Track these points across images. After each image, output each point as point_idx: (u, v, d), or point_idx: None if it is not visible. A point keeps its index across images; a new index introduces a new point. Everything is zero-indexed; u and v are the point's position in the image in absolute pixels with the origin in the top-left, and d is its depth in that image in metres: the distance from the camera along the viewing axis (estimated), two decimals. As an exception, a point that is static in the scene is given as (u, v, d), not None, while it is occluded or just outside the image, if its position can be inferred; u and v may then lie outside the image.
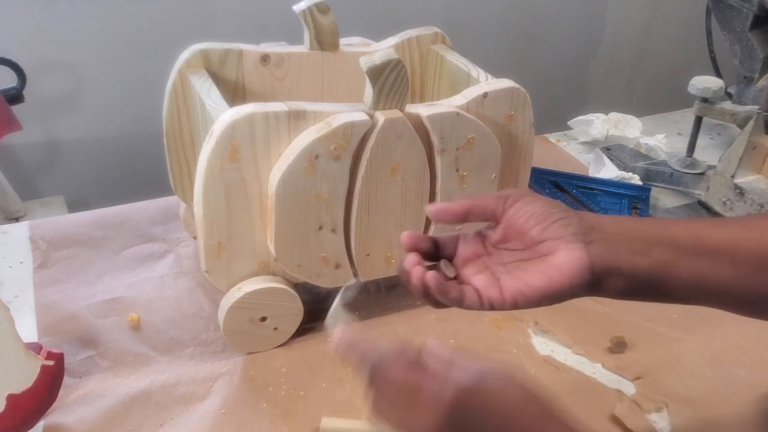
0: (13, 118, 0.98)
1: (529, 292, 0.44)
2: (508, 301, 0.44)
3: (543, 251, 0.45)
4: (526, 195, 0.47)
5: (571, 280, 0.43)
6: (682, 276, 0.44)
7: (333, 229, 0.62)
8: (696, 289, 0.44)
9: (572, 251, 0.44)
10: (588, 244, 0.44)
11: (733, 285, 0.44)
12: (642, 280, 0.44)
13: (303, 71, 0.74)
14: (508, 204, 0.46)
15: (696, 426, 0.60)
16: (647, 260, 0.44)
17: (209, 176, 0.57)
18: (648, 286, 0.45)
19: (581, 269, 0.43)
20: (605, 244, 0.44)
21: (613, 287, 0.45)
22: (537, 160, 0.78)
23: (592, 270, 0.44)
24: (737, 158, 0.81)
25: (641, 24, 1.78)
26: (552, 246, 0.44)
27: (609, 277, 0.44)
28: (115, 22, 1.25)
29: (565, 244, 0.44)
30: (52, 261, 0.78)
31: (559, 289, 0.43)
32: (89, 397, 0.61)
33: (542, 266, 0.44)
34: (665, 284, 0.44)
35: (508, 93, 0.65)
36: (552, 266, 0.44)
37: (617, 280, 0.44)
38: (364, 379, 0.44)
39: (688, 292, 0.45)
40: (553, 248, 0.44)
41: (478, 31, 1.57)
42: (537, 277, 0.44)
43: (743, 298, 0.45)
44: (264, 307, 0.63)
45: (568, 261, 0.43)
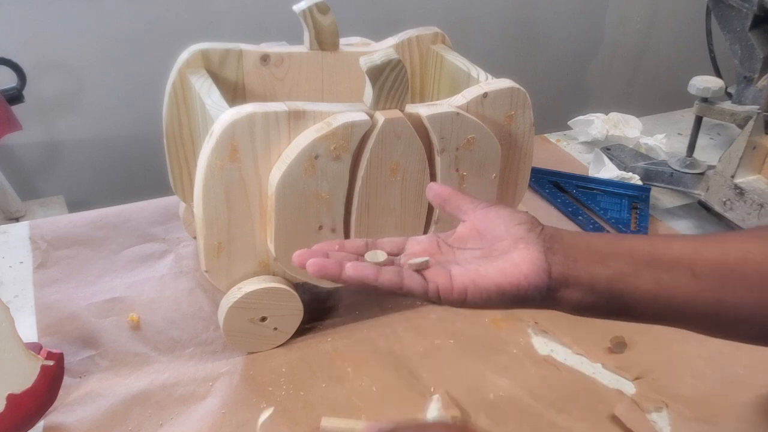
0: (13, 118, 0.99)
1: (481, 282, 0.42)
2: (457, 289, 0.42)
3: (502, 249, 0.44)
4: (498, 203, 0.48)
5: (528, 279, 0.42)
6: (641, 288, 0.43)
7: (333, 229, 0.62)
8: (656, 303, 0.44)
9: (531, 251, 0.43)
10: (548, 250, 0.44)
11: (695, 298, 0.43)
12: (600, 292, 0.43)
13: (303, 71, 0.74)
14: (481, 206, 0.47)
15: (696, 426, 0.60)
16: (606, 270, 0.43)
17: (209, 176, 0.57)
18: (606, 300, 0.44)
19: (539, 270, 0.43)
20: (564, 253, 0.44)
21: (569, 299, 0.44)
22: (537, 160, 0.78)
23: (550, 274, 0.43)
24: (737, 158, 0.81)
25: (641, 24, 1.78)
26: (511, 245, 0.44)
27: (566, 287, 0.43)
28: (115, 22, 1.25)
29: (525, 244, 0.44)
30: (52, 261, 0.78)
31: (515, 284, 0.42)
32: (89, 397, 0.61)
33: (499, 262, 0.43)
34: (624, 297, 0.43)
35: (508, 93, 0.65)
36: (510, 263, 0.43)
37: (574, 291, 0.43)
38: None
39: (649, 307, 0.44)
40: (512, 246, 0.44)
41: (478, 31, 1.57)
42: (492, 270, 0.43)
43: (707, 314, 0.44)
44: (264, 307, 0.63)
45: (527, 259, 0.43)
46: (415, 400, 0.61)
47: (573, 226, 0.89)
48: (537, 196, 0.95)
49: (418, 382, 0.63)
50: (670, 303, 0.43)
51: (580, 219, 0.89)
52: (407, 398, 0.61)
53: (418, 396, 0.62)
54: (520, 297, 0.43)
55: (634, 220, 0.90)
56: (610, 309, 0.44)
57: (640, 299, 0.43)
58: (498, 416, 0.60)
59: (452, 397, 0.61)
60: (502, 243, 0.44)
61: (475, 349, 0.67)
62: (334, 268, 0.43)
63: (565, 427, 0.59)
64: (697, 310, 0.44)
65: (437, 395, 0.61)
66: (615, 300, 0.44)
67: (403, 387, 0.63)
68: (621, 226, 0.88)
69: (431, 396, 0.62)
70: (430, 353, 0.67)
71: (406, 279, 0.43)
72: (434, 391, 0.62)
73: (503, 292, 0.42)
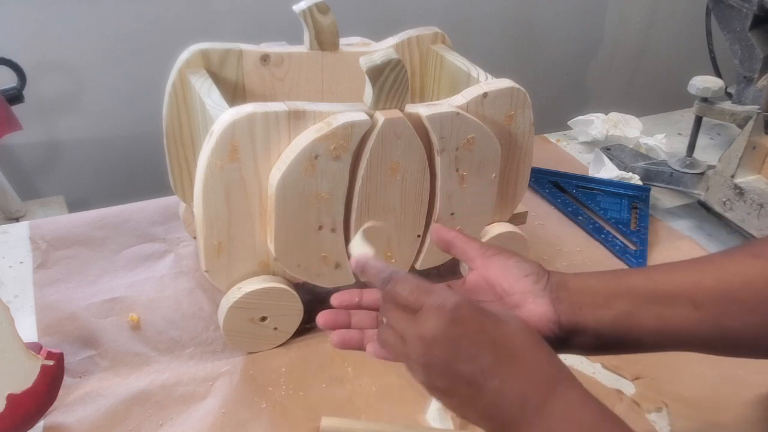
0: (13, 118, 0.99)
1: None
2: None
3: (512, 303, 0.46)
4: (505, 251, 0.48)
5: (539, 333, 0.44)
6: (645, 325, 0.45)
7: (333, 228, 0.62)
8: (661, 336, 0.45)
9: (539, 305, 0.45)
10: (554, 300, 0.45)
11: (697, 328, 0.45)
12: (607, 334, 0.45)
13: (303, 71, 0.74)
14: (488, 254, 0.48)
15: (696, 426, 0.60)
16: (610, 312, 0.45)
17: (209, 176, 0.57)
18: (614, 340, 0.45)
19: (549, 323, 0.45)
20: (570, 300, 0.45)
21: (581, 344, 0.46)
22: (537, 160, 0.78)
23: (560, 325, 0.45)
24: (737, 158, 0.81)
25: (641, 24, 1.78)
26: (520, 299, 0.46)
27: (576, 335, 0.45)
28: (115, 22, 1.25)
29: (533, 299, 0.45)
30: (52, 261, 0.78)
31: None
32: (89, 397, 0.61)
33: None
34: (630, 335, 0.45)
35: (508, 93, 0.65)
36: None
37: (584, 337, 0.45)
38: (379, 286, 0.44)
39: (654, 341, 0.45)
40: (521, 302, 0.46)
41: (478, 31, 1.57)
42: None
43: (710, 339, 0.45)
44: (264, 307, 0.63)
45: (536, 314, 0.45)
46: (415, 400, 0.61)
47: (573, 226, 0.89)
48: (537, 196, 0.95)
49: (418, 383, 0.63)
50: (674, 335, 0.45)
51: (580, 219, 0.89)
52: (407, 398, 0.61)
53: (418, 396, 0.62)
54: None
55: (634, 220, 0.90)
56: (618, 347, 0.46)
57: (645, 335, 0.45)
58: (498, 416, 0.60)
59: (452, 397, 0.61)
60: (511, 297, 0.46)
61: (475, 349, 0.67)
62: (357, 339, 0.48)
63: (565, 427, 0.59)
64: (701, 337, 0.45)
65: (437, 395, 0.61)
66: (621, 339, 0.45)
67: (404, 387, 0.63)
68: (621, 226, 0.88)
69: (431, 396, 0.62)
70: (430, 353, 0.66)
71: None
72: (434, 391, 0.62)
73: None
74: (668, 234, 0.88)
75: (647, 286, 0.46)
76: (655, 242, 0.86)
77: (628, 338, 0.45)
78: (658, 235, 0.87)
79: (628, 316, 0.45)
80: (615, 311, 0.45)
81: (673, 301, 0.45)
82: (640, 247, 0.84)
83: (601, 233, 0.87)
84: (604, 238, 0.86)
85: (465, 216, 0.68)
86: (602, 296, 0.45)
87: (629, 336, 0.45)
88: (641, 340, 0.45)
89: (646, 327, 0.45)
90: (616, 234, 0.87)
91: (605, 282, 0.47)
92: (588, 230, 0.88)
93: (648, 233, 0.87)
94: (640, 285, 0.46)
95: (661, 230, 0.88)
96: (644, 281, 0.46)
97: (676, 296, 0.45)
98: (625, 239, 0.86)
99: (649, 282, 0.46)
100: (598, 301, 0.45)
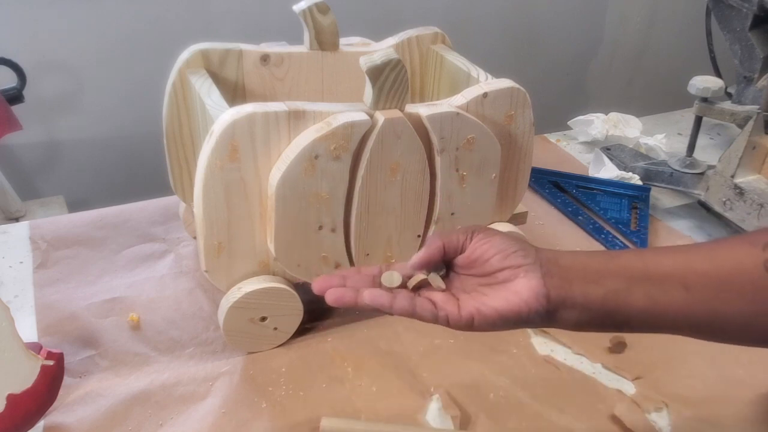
0: (13, 118, 0.99)
1: (486, 311, 0.45)
2: (465, 318, 0.45)
3: (502, 278, 0.47)
4: (489, 229, 0.50)
5: (528, 305, 0.45)
6: (635, 304, 0.45)
7: (333, 228, 0.62)
8: (650, 316, 0.45)
9: (530, 279, 0.46)
10: (545, 275, 0.46)
11: (686, 309, 0.45)
12: (595, 310, 0.46)
13: (303, 71, 0.74)
14: (474, 236, 0.49)
15: (696, 426, 0.60)
16: (600, 289, 0.45)
17: (209, 176, 0.57)
18: (602, 317, 0.46)
19: (538, 296, 0.45)
20: (560, 275, 0.46)
21: (567, 318, 0.46)
22: (537, 160, 0.78)
23: (549, 298, 0.45)
24: (737, 158, 0.81)
25: (641, 24, 1.78)
26: (511, 274, 0.46)
27: (564, 308, 0.46)
28: (115, 22, 1.25)
29: (524, 273, 0.46)
30: (52, 261, 0.78)
31: (516, 311, 0.45)
32: (89, 397, 0.61)
33: (501, 291, 0.46)
34: (619, 313, 0.45)
35: (508, 93, 0.65)
36: (511, 291, 0.46)
37: (571, 311, 0.46)
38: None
39: (642, 321, 0.46)
40: (512, 276, 0.46)
41: (478, 31, 1.57)
42: (495, 299, 0.46)
43: (699, 323, 0.45)
44: (264, 307, 0.63)
45: (527, 287, 0.45)
46: (415, 400, 0.61)
47: (573, 226, 0.89)
48: (537, 196, 0.95)
49: (418, 382, 0.63)
50: (663, 316, 0.45)
51: (580, 219, 0.89)
52: (407, 398, 0.61)
53: (418, 396, 0.62)
54: (522, 320, 0.46)
55: (634, 220, 0.90)
56: (606, 324, 0.47)
57: (634, 314, 0.45)
58: (498, 416, 0.60)
59: (452, 397, 0.61)
60: (502, 273, 0.47)
61: (475, 349, 0.67)
62: (351, 296, 0.47)
63: (564, 427, 0.59)
64: (690, 320, 0.45)
65: (437, 395, 0.61)
66: (610, 316, 0.46)
67: (403, 387, 0.63)
68: (621, 226, 0.88)
69: (431, 396, 0.62)
70: (430, 353, 0.67)
71: (417, 307, 0.46)
72: (434, 391, 0.62)
73: (506, 319, 0.45)
74: (668, 234, 0.88)
75: (638, 266, 0.46)
76: (655, 242, 0.86)
77: (616, 316, 0.46)
78: (658, 235, 0.87)
79: (618, 294, 0.45)
80: (605, 288, 0.45)
81: (663, 281, 0.45)
82: (640, 247, 0.84)
83: (601, 233, 0.87)
84: (604, 238, 0.86)
85: (465, 216, 0.68)
86: (593, 273, 0.46)
87: (617, 314, 0.45)
88: (629, 318, 0.46)
89: (636, 306, 0.45)
90: (616, 234, 0.87)
91: (596, 260, 0.47)
92: (588, 230, 0.88)
93: (648, 233, 0.87)
94: (631, 265, 0.46)
95: (661, 230, 0.89)
96: (636, 261, 0.46)
97: (666, 277, 0.45)
98: (625, 239, 0.86)
99: (641, 262, 0.46)
100: (589, 277, 0.46)
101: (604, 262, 0.47)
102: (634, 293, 0.45)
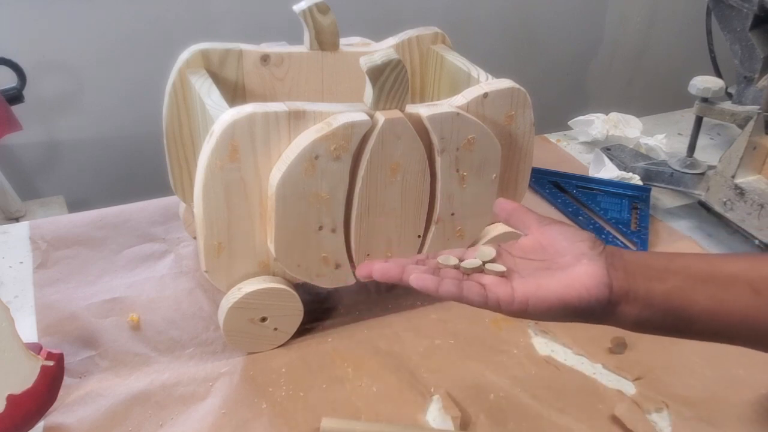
0: (13, 118, 0.99)
1: (544, 294, 0.43)
2: (518, 300, 0.43)
3: (564, 263, 0.45)
4: (562, 222, 0.49)
5: (589, 291, 0.43)
6: (699, 303, 0.43)
7: (333, 229, 0.62)
8: (715, 319, 0.43)
9: (594, 266, 0.44)
10: (609, 266, 0.44)
11: (754, 315, 0.42)
12: (657, 306, 0.44)
13: (303, 71, 0.73)
14: (546, 223, 0.48)
15: (696, 426, 0.60)
16: (663, 286, 0.44)
17: (209, 176, 0.57)
18: (663, 314, 0.44)
19: (601, 284, 0.43)
20: (624, 269, 0.44)
21: (628, 314, 0.44)
22: (537, 160, 0.78)
23: (612, 289, 0.43)
24: (737, 158, 0.81)
25: (641, 24, 1.78)
26: (573, 260, 0.45)
27: (626, 302, 0.44)
28: (115, 22, 1.25)
29: (588, 260, 0.44)
30: (52, 261, 0.78)
31: (576, 296, 0.43)
32: (89, 397, 0.61)
33: (562, 275, 0.44)
34: (681, 313, 0.44)
35: (508, 93, 0.65)
36: (572, 276, 0.44)
37: (633, 306, 0.44)
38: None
39: (707, 324, 0.44)
40: (573, 261, 0.45)
41: (478, 31, 1.57)
42: (554, 282, 0.44)
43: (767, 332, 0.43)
44: (264, 307, 0.63)
45: (589, 273, 0.44)
46: (416, 400, 0.61)
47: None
48: (537, 197, 0.95)
49: (418, 383, 0.63)
50: (729, 319, 0.43)
51: (581, 219, 0.89)
52: (407, 398, 0.61)
53: (418, 396, 0.62)
54: (582, 309, 0.43)
55: (635, 220, 0.90)
56: (668, 325, 0.45)
57: (698, 315, 0.43)
58: (498, 416, 0.60)
59: (452, 397, 0.61)
60: (564, 258, 0.45)
61: (475, 349, 0.67)
62: (397, 270, 0.45)
63: (565, 427, 0.59)
64: (756, 327, 0.43)
65: (437, 395, 0.61)
66: (672, 315, 0.44)
67: (404, 387, 0.63)
68: (621, 227, 0.88)
69: (431, 396, 0.62)
70: (430, 353, 0.67)
71: (465, 290, 0.44)
72: (434, 392, 0.62)
73: (565, 303, 0.43)
74: (669, 234, 0.88)
75: (703, 267, 0.44)
76: (655, 242, 0.86)
77: (680, 316, 0.44)
78: (658, 236, 0.87)
79: (682, 292, 0.43)
80: (668, 285, 0.43)
81: (730, 283, 0.43)
82: (640, 247, 0.84)
83: (602, 233, 0.87)
84: (605, 239, 0.86)
85: (465, 216, 0.68)
86: (656, 270, 0.44)
87: (680, 313, 0.44)
88: (693, 320, 0.43)
89: (700, 307, 0.43)
90: (617, 234, 0.87)
91: (660, 258, 0.46)
92: (588, 230, 0.87)
93: (648, 233, 0.87)
94: (695, 265, 0.44)
95: (661, 230, 0.88)
96: (700, 262, 0.45)
97: (733, 279, 0.43)
98: (625, 239, 0.86)
99: (705, 263, 0.45)
100: (652, 273, 0.44)
101: (667, 261, 0.46)
102: (698, 292, 0.43)
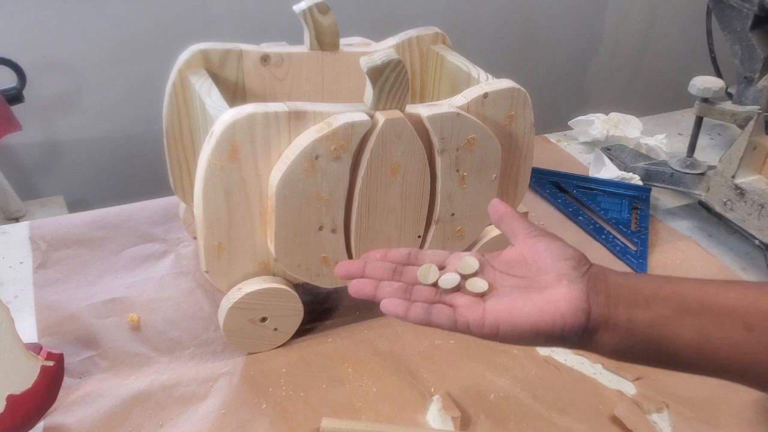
0: (13, 118, 0.99)
1: (516, 318, 0.41)
2: (489, 323, 0.42)
3: (544, 283, 0.43)
4: (551, 234, 0.47)
5: (564, 318, 0.41)
6: (684, 336, 0.40)
7: (333, 229, 0.62)
8: (699, 353, 0.40)
9: (572, 290, 0.42)
10: (590, 290, 0.42)
11: (743, 352, 0.40)
12: (639, 336, 0.41)
13: (303, 71, 0.73)
14: (534, 234, 0.46)
15: (696, 426, 0.60)
16: (646, 314, 0.41)
17: (209, 176, 0.57)
18: (645, 345, 0.41)
19: (578, 311, 0.41)
20: (606, 293, 0.42)
21: (607, 343, 0.42)
22: (537, 160, 0.78)
23: (589, 315, 0.41)
24: (738, 158, 0.81)
25: (641, 24, 1.78)
26: (553, 280, 0.43)
27: (605, 330, 0.41)
28: (115, 22, 1.25)
29: (567, 282, 0.42)
30: (52, 261, 0.78)
31: (550, 323, 0.41)
32: (89, 397, 0.61)
33: (538, 297, 0.42)
34: (665, 344, 0.41)
35: (509, 93, 0.65)
36: (549, 299, 0.42)
37: (612, 335, 0.41)
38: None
39: (690, 357, 0.41)
40: (553, 282, 0.43)
41: (478, 31, 1.57)
42: (529, 306, 0.42)
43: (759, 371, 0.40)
44: (264, 307, 0.63)
45: (567, 297, 0.41)
46: (416, 400, 0.61)
47: (574, 227, 0.89)
48: (537, 197, 0.95)
49: (418, 383, 0.63)
50: (716, 355, 0.40)
51: (581, 219, 0.89)
52: (407, 399, 0.61)
53: (418, 396, 0.62)
54: (555, 336, 0.41)
55: (635, 221, 0.90)
56: (650, 356, 0.42)
57: (683, 348, 0.41)
58: (498, 417, 0.60)
59: (452, 397, 0.61)
60: (545, 276, 0.43)
61: (475, 349, 0.67)
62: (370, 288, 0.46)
63: (565, 427, 0.59)
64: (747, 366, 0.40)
65: (437, 396, 0.61)
66: (655, 346, 0.41)
67: (404, 387, 0.62)
68: (621, 227, 0.88)
69: (431, 396, 0.62)
70: (430, 354, 0.67)
71: (434, 315, 0.43)
72: (434, 392, 0.62)
73: (537, 330, 0.41)
74: (669, 234, 0.88)
75: (696, 295, 0.41)
76: (655, 243, 0.86)
77: (663, 347, 0.41)
78: (658, 236, 0.87)
79: (666, 321, 0.40)
80: (654, 313, 0.41)
81: (722, 316, 0.40)
82: (640, 247, 0.84)
83: (602, 234, 0.87)
84: (605, 239, 0.86)
85: (465, 216, 0.68)
86: (643, 296, 0.41)
87: (665, 345, 0.41)
88: (677, 353, 0.41)
89: (685, 339, 0.40)
90: (617, 234, 0.87)
91: (650, 282, 0.43)
92: (588, 231, 0.87)
93: (648, 234, 0.87)
94: (688, 292, 0.41)
95: (661, 231, 0.88)
96: (694, 290, 0.41)
97: (726, 312, 0.40)
98: (625, 240, 0.86)
99: (699, 291, 0.41)
100: (638, 300, 0.41)
101: (658, 286, 0.42)
102: (684, 324, 0.40)
